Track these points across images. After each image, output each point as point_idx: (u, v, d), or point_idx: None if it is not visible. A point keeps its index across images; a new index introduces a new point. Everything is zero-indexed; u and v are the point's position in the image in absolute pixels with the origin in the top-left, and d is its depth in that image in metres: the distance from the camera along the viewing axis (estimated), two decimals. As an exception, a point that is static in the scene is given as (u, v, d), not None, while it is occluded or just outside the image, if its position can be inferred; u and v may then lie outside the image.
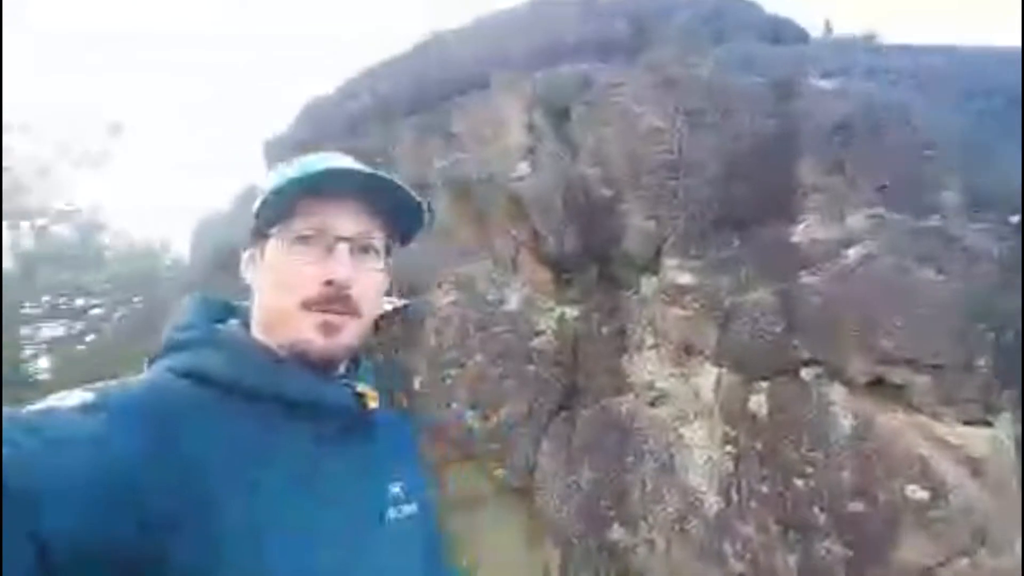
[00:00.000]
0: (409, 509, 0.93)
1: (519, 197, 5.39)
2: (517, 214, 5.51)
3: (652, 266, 4.73)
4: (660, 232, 4.58)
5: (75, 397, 0.74)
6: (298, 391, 0.86)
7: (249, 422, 0.82)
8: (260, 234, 0.92)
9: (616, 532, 4.41)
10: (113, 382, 0.80)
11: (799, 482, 3.66)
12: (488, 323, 5.31)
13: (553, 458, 4.75)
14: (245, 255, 0.97)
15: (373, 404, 0.93)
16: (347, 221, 0.91)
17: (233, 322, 0.96)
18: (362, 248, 0.92)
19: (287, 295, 0.88)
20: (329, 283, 0.87)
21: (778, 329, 3.92)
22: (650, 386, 4.51)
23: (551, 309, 5.17)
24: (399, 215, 0.98)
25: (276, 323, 0.89)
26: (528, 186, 5.34)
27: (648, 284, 4.78)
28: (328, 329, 0.88)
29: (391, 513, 0.90)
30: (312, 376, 0.89)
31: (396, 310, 5.79)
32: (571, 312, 5.11)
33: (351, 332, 0.90)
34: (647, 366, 4.60)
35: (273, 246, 0.90)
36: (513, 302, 5.35)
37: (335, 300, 0.88)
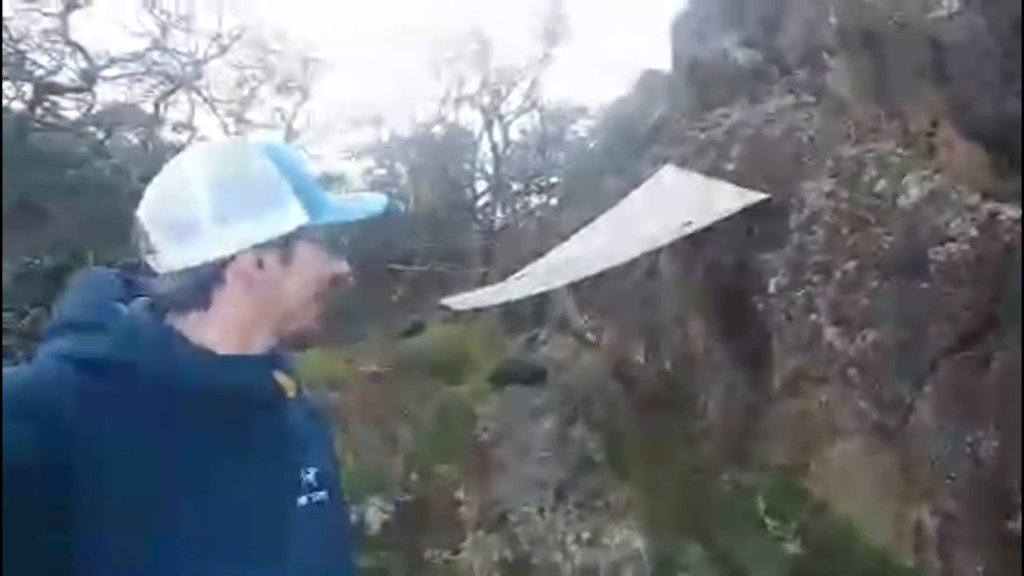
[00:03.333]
0: (320, 496, 0.90)
1: (942, 45, 3.82)
2: (938, 70, 3.95)
3: None
4: None
5: None
6: (218, 382, 0.84)
7: (153, 414, 0.78)
8: (284, 241, 0.89)
9: (1025, 527, 3.10)
10: None
11: None
12: (870, 221, 4.11)
13: (939, 406, 3.53)
14: (247, 253, 0.86)
15: (291, 394, 0.91)
16: None
17: (138, 302, 0.87)
18: None
19: (311, 289, 0.91)
20: (337, 276, 0.93)
21: None
22: None
23: (973, 206, 3.65)
24: None
25: (293, 313, 0.91)
26: (957, 28, 3.71)
27: None
28: (308, 339, 0.94)
29: (302, 500, 0.88)
30: (229, 365, 0.85)
31: (758, 203, 4.99)
32: (1008, 211, 3.51)
33: None
34: None
35: (308, 248, 0.90)
36: (913, 194, 3.97)
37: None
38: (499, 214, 16.42)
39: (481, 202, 16.59)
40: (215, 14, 14.72)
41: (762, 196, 4.94)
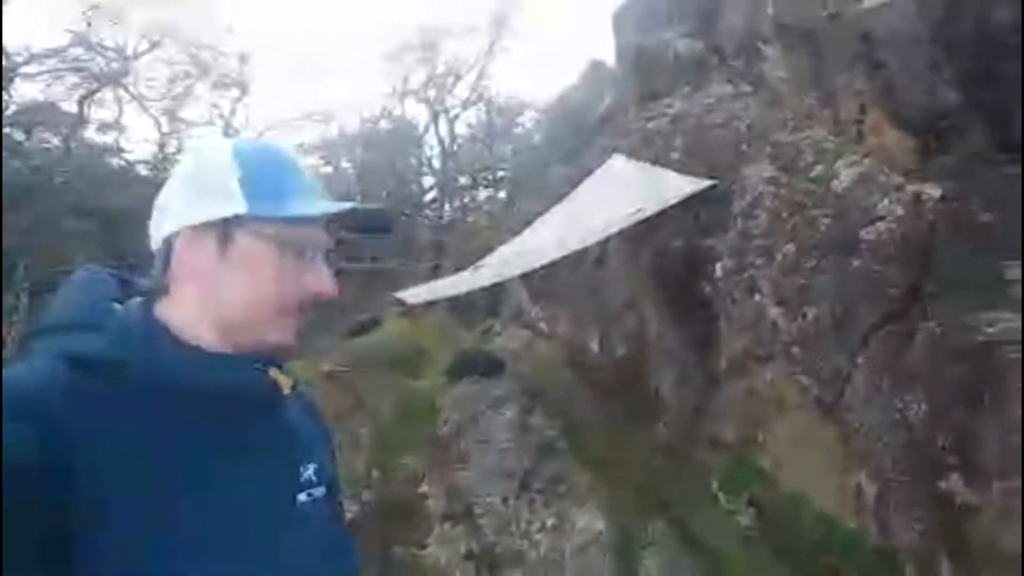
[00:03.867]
0: (318, 492, 0.90)
1: (870, 35, 4.04)
2: (867, 60, 4.18)
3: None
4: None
5: None
6: (212, 381, 0.83)
7: (150, 412, 0.78)
8: (224, 221, 0.85)
9: (954, 483, 3.34)
10: None
11: None
12: (807, 204, 4.32)
13: (872, 378, 3.76)
14: (186, 235, 0.85)
15: (286, 390, 0.90)
16: (323, 234, 0.90)
17: (133, 301, 0.87)
18: (323, 255, 0.91)
19: (271, 299, 0.85)
20: (316, 295, 0.87)
21: None
22: (1046, 303, 3.10)
23: (899, 187, 3.89)
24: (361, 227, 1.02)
25: (245, 323, 0.85)
26: (885, 18, 3.93)
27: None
28: (296, 333, 0.89)
29: (301, 497, 0.88)
30: (223, 363, 0.85)
31: (704, 190, 5.17)
32: (931, 192, 3.76)
33: None
34: (1047, 273, 3.14)
35: (252, 244, 0.85)
36: (846, 178, 4.20)
37: (308, 308, 0.88)
38: (447, 208, 16.36)
39: (428, 197, 16.49)
40: (145, 9, 14.05)
41: (708, 183, 5.12)
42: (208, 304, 0.84)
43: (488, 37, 15.53)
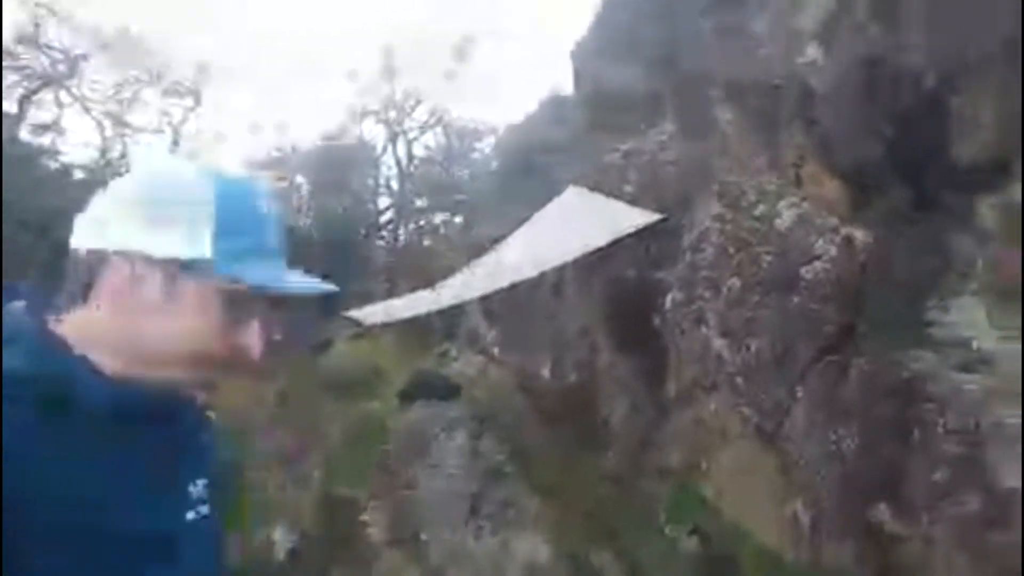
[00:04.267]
0: (205, 509, 0.90)
1: (807, 89, 4.32)
2: (804, 112, 4.46)
3: (995, 184, 3.39)
4: (1012, 138, 3.18)
5: None
6: (100, 397, 0.79)
7: (38, 423, 0.75)
8: (170, 269, 0.80)
9: (883, 514, 3.53)
10: None
11: None
12: (752, 242, 4.54)
13: (810, 411, 3.96)
14: (126, 259, 0.80)
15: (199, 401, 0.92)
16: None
17: (16, 304, 0.82)
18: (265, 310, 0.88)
19: (186, 344, 0.81)
20: (239, 350, 0.83)
21: None
22: (963, 344, 3.35)
23: (834, 230, 4.14)
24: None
25: (154, 360, 0.81)
26: (820, 74, 4.22)
27: (987, 209, 3.47)
28: (211, 387, 0.87)
29: (190, 515, 0.87)
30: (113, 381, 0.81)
31: (655, 223, 5.36)
32: (862, 236, 4.01)
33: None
34: (965, 318, 3.41)
35: (200, 289, 0.81)
36: (786, 218, 4.44)
37: (233, 364, 0.84)
38: (402, 230, 16.30)
39: (385, 218, 16.41)
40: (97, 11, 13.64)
41: (659, 216, 5.33)
42: (123, 333, 0.80)
43: (450, 61, 15.73)
